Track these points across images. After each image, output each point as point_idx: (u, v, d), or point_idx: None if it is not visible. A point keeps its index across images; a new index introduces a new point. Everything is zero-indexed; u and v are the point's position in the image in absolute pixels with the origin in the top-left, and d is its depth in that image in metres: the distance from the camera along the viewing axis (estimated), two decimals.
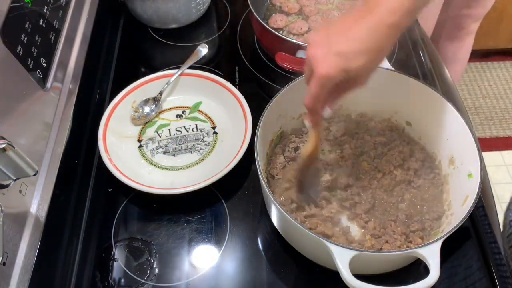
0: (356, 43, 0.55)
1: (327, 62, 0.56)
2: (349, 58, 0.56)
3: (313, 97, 0.60)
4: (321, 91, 0.59)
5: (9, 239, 0.59)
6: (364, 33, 0.55)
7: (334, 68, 0.56)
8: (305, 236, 0.61)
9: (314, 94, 0.59)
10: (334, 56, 0.56)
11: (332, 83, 0.58)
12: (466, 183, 0.67)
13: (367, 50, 0.56)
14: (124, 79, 0.92)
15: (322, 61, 0.57)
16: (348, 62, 0.56)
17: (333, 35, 0.57)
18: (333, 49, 0.56)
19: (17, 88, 0.65)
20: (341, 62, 0.56)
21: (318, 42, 0.58)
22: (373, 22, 0.55)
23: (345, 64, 0.56)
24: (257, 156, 0.66)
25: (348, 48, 0.56)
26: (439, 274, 0.54)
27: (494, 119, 2.09)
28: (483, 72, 2.26)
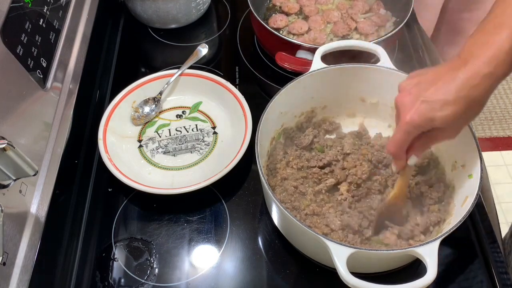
0: (445, 92, 0.54)
1: (412, 109, 0.56)
2: (435, 107, 0.55)
3: (396, 143, 0.59)
4: (405, 138, 0.58)
5: (9, 239, 0.59)
6: (455, 83, 0.54)
7: (419, 115, 0.55)
8: (304, 233, 0.61)
9: (397, 140, 0.59)
10: (420, 104, 0.55)
11: (417, 131, 0.57)
12: (466, 184, 0.67)
13: (456, 100, 0.54)
14: (124, 79, 0.92)
15: (409, 108, 0.56)
16: (434, 111, 0.55)
17: (424, 83, 0.56)
18: (421, 97, 0.55)
19: (17, 88, 0.65)
20: (426, 110, 0.55)
21: (408, 89, 0.57)
22: (466, 72, 0.54)
23: (430, 112, 0.55)
24: (258, 155, 0.66)
25: (435, 96, 0.55)
26: (436, 273, 0.54)
27: (494, 119, 2.09)
28: None
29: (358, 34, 1.00)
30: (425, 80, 0.57)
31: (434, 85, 0.55)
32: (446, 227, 0.67)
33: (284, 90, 0.74)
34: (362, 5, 1.04)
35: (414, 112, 0.56)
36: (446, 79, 0.55)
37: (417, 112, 0.55)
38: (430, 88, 0.55)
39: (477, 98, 0.55)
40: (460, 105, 0.54)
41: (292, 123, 0.82)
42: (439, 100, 0.54)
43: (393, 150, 0.61)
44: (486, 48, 0.54)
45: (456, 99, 0.54)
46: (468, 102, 0.55)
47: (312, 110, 0.82)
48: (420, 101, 0.55)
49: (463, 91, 0.54)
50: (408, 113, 0.56)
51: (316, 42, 0.98)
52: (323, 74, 0.76)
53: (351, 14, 1.03)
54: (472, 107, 0.56)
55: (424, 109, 0.55)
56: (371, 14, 1.04)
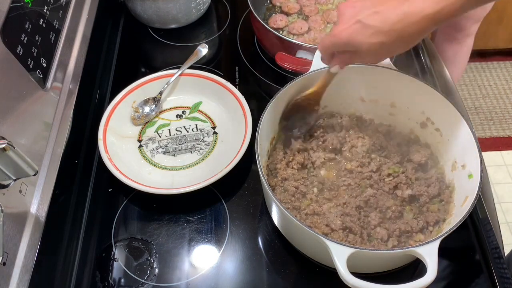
0: (382, 20, 0.54)
1: (346, 25, 0.56)
2: (367, 32, 0.55)
3: (323, 46, 0.62)
4: (331, 46, 0.61)
5: (9, 239, 0.59)
6: (395, 14, 0.53)
7: (348, 34, 0.56)
8: (304, 233, 0.61)
9: (325, 44, 0.61)
10: (355, 22, 0.55)
11: (340, 46, 0.59)
12: (467, 184, 0.67)
13: (388, 31, 0.54)
14: (124, 79, 0.93)
15: (344, 21, 0.57)
16: (363, 36, 0.55)
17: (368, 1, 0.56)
18: (358, 15, 0.55)
19: (17, 88, 0.65)
20: (357, 33, 0.55)
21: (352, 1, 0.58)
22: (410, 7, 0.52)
23: (359, 35, 0.55)
24: (258, 155, 0.66)
25: (371, 21, 0.54)
26: (436, 273, 0.54)
27: (494, 119, 2.09)
28: (483, 72, 2.26)
29: None
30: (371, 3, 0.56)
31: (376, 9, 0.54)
32: (446, 227, 0.67)
33: (284, 90, 0.74)
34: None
35: (346, 29, 0.56)
36: (389, 6, 0.54)
37: (348, 31, 0.56)
38: (371, 9, 0.55)
39: (409, 36, 0.54)
40: (390, 37, 0.54)
41: None
42: (373, 26, 0.54)
43: (320, 49, 0.64)
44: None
45: (389, 31, 0.54)
46: (399, 37, 0.54)
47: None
48: (356, 20, 0.55)
49: (399, 25, 0.53)
50: (340, 28, 0.57)
51: (316, 42, 0.98)
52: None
53: None
54: (401, 42, 0.55)
55: (355, 30, 0.56)
56: None
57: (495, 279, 0.69)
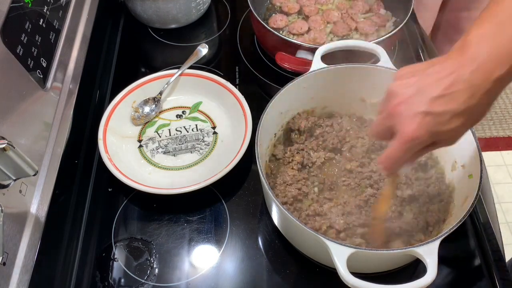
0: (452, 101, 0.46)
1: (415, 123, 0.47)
2: (443, 120, 0.47)
3: (393, 160, 0.51)
4: (405, 154, 0.50)
5: (9, 239, 0.59)
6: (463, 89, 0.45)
7: (424, 130, 0.47)
8: (304, 233, 0.61)
9: (396, 158, 0.51)
10: (424, 116, 0.47)
11: (419, 147, 0.49)
12: (467, 184, 0.67)
13: (465, 110, 0.46)
14: (124, 79, 0.93)
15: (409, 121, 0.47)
16: (441, 125, 0.47)
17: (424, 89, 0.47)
18: (422, 107, 0.47)
19: (17, 88, 0.65)
20: (433, 124, 0.47)
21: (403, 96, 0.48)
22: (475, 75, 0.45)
23: (437, 126, 0.47)
24: (257, 155, 0.66)
25: (441, 107, 0.46)
26: (436, 273, 0.54)
27: (494, 119, 2.09)
28: None
29: (358, 34, 1.00)
30: (424, 84, 0.48)
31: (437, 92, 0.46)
32: (446, 227, 0.67)
33: (284, 90, 0.74)
34: (362, 5, 1.04)
35: (417, 127, 0.47)
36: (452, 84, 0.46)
37: (421, 128, 0.47)
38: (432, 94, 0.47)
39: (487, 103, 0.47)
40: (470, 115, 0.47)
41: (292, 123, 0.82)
42: (446, 111, 0.46)
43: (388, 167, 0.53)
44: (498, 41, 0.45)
45: (465, 109, 0.46)
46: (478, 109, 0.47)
47: (313, 110, 0.83)
48: (423, 113, 0.47)
49: (474, 99, 0.46)
50: (410, 129, 0.48)
51: (316, 42, 0.98)
52: (323, 74, 0.76)
53: (351, 14, 1.03)
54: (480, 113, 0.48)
55: (429, 124, 0.47)
56: (371, 14, 1.04)
57: (495, 279, 0.69)
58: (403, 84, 0.49)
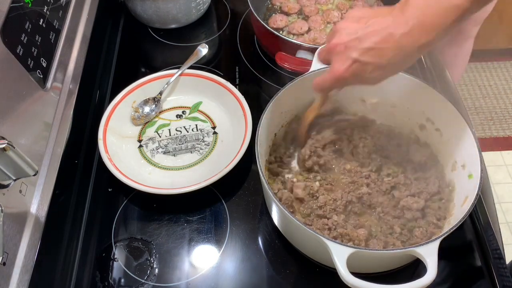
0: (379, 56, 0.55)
1: (345, 65, 0.57)
2: (367, 69, 0.56)
3: (323, 86, 0.63)
4: (332, 86, 0.62)
5: (9, 239, 0.59)
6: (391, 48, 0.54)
7: (349, 73, 0.58)
8: (304, 233, 0.61)
9: (323, 85, 0.63)
10: (353, 62, 0.57)
11: (344, 83, 0.61)
12: (467, 184, 0.67)
13: (387, 65, 0.56)
14: (124, 79, 0.93)
15: (342, 62, 0.58)
16: (364, 72, 0.57)
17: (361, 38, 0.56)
18: (355, 54, 0.56)
19: (17, 88, 0.65)
20: (357, 70, 0.57)
21: (343, 38, 0.58)
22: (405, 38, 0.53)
23: (361, 72, 0.57)
24: (257, 155, 0.66)
25: (369, 58, 0.56)
26: (436, 273, 0.54)
27: (494, 119, 2.09)
28: (483, 72, 2.26)
29: None
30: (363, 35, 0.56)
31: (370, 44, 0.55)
32: (446, 226, 0.67)
33: (284, 90, 0.74)
34: (362, 5, 1.04)
35: (345, 69, 0.57)
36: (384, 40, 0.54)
37: (348, 70, 0.57)
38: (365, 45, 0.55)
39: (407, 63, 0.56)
40: (389, 69, 0.57)
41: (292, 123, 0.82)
42: (371, 62, 0.55)
43: (318, 90, 0.65)
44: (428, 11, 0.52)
45: (387, 64, 0.55)
46: (398, 65, 0.57)
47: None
48: (353, 59, 0.56)
49: (397, 58, 0.54)
50: (340, 69, 0.58)
51: (316, 42, 0.98)
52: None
53: None
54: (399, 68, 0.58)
55: (356, 69, 0.57)
56: None
57: (495, 279, 0.69)
58: (347, 27, 0.58)
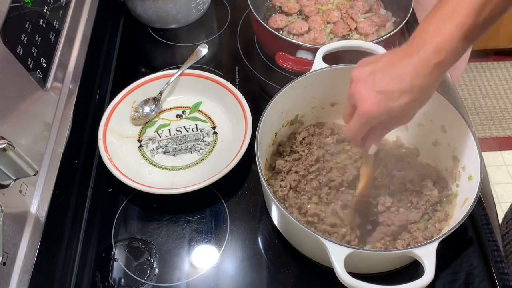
0: (400, 81, 0.55)
1: (370, 100, 0.57)
2: (393, 97, 0.56)
3: (353, 132, 0.61)
4: (362, 127, 0.60)
5: (9, 239, 0.59)
6: (409, 72, 0.55)
7: (377, 106, 0.56)
8: (303, 233, 0.61)
9: (355, 130, 0.60)
10: (377, 94, 0.56)
11: (374, 121, 0.58)
12: (467, 185, 0.67)
13: (411, 89, 0.55)
14: (124, 79, 0.93)
15: (365, 98, 0.57)
16: (392, 101, 0.56)
17: (378, 72, 0.57)
18: (376, 87, 0.56)
19: (17, 88, 0.65)
20: (384, 100, 0.56)
21: (362, 78, 0.58)
22: (419, 61, 0.55)
23: (388, 102, 0.56)
24: (257, 155, 0.66)
25: (391, 86, 0.56)
26: (434, 274, 0.54)
27: (494, 119, 2.09)
28: (483, 72, 2.26)
29: (358, 34, 1.00)
30: (379, 69, 0.57)
31: (389, 74, 0.56)
32: (445, 228, 0.67)
33: (284, 90, 0.74)
34: (362, 5, 1.04)
35: (371, 103, 0.57)
36: (400, 67, 0.56)
37: (375, 103, 0.56)
38: (385, 77, 0.56)
39: (430, 86, 0.56)
40: (414, 93, 0.56)
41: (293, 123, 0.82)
42: (395, 90, 0.56)
43: (351, 137, 0.63)
44: (437, 35, 0.54)
45: (411, 88, 0.55)
46: (422, 90, 0.56)
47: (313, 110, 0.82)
48: (376, 91, 0.56)
49: (418, 80, 0.55)
50: (366, 104, 0.57)
51: (316, 42, 0.98)
52: (323, 74, 0.76)
53: (351, 14, 1.03)
54: (425, 93, 0.57)
55: (381, 100, 0.56)
56: (371, 14, 1.04)
57: (495, 280, 0.69)
58: (362, 70, 0.59)
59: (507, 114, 2.11)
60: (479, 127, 2.06)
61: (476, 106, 2.14)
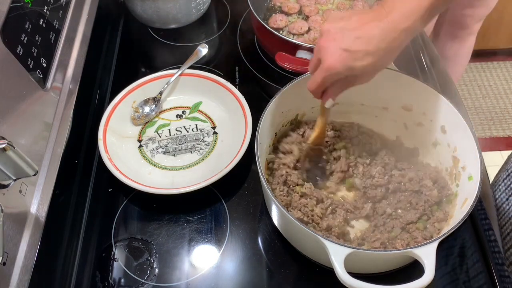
0: (367, 43, 0.57)
1: (335, 56, 0.58)
2: (357, 56, 0.58)
3: (316, 84, 0.63)
4: (324, 80, 0.62)
5: (9, 239, 0.59)
6: (376, 34, 0.57)
7: (340, 63, 0.58)
8: (303, 233, 0.61)
9: (317, 82, 0.62)
10: (342, 52, 0.58)
11: (336, 77, 0.61)
12: (467, 185, 0.67)
13: (376, 51, 0.58)
14: (124, 79, 0.93)
15: (331, 54, 0.59)
16: (355, 60, 0.58)
17: (348, 30, 0.58)
18: (343, 45, 0.58)
19: (17, 88, 0.65)
20: (348, 59, 0.58)
21: (331, 34, 0.60)
22: (387, 24, 0.57)
23: (351, 61, 0.58)
24: (257, 155, 0.66)
25: (358, 46, 0.57)
26: (433, 274, 0.54)
27: (494, 119, 2.09)
28: (483, 72, 2.26)
29: None
30: (349, 27, 0.58)
31: (357, 34, 0.58)
32: (445, 228, 0.67)
33: (284, 90, 0.74)
34: (362, 5, 1.04)
35: (335, 59, 0.58)
36: (369, 29, 0.57)
37: (338, 60, 0.58)
38: (352, 36, 0.58)
39: (393, 50, 0.59)
40: (379, 55, 0.58)
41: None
42: (360, 50, 0.57)
43: (312, 89, 0.64)
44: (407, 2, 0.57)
45: (376, 50, 0.57)
46: (386, 52, 0.58)
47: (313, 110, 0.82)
48: (342, 49, 0.58)
49: (383, 43, 0.57)
50: (330, 60, 0.59)
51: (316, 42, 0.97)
52: None
53: None
54: (388, 56, 0.60)
55: (345, 58, 0.58)
56: None
57: (495, 280, 0.69)
58: (332, 25, 0.60)
59: (507, 114, 2.11)
60: (479, 127, 2.06)
61: (476, 106, 2.14)
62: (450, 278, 0.70)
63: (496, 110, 2.13)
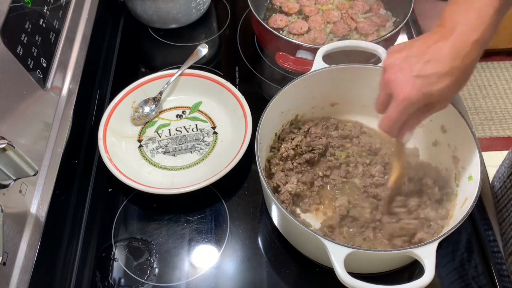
0: (439, 64, 0.53)
1: (408, 86, 0.54)
2: (432, 81, 0.53)
3: (392, 122, 0.57)
4: (401, 115, 0.56)
5: (9, 239, 0.59)
6: (447, 53, 0.53)
7: (416, 91, 0.54)
8: (303, 233, 0.61)
9: (393, 119, 0.57)
10: (415, 79, 0.54)
11: (413, 107, 0.55)
12: (467, 185, 0.67)
13: (450, 70, 0.53)
14: (124, 79, 0.93)
15: (403, 84, 0.54)
16: (431, 85, 0.54)
17: (413, 57, 0.55)
18: (413, 72, 0.54)
19: (17, 88, 0.65)
20: (423, 85, 0.54)
21: (396, 66, 0.56)
22: (455, 41, 0.53)
23: (427, 87, 0.54)
24: (257, 155, 0.66)
25: (430, 70, 0.53)
26: (433, 274, 0.54)
27: (494, 119, 2.09)
28: (483, 72, 2.26)
29: (358, 34, 1.00)
30: (413, 54, 0.55)
31: (425, 58, 0.54)
32: (445, 228, 0.67)
33: (284, 90, 0.74)
34: (362, 5, 1.04)
35: (410, 89, 0.54)
36: (436, 50, 0.54)
37: (413, 89, 0.54)
38: (421, 61, 0.54)
39: (469, 65, 0.54)
40: (455, 75, 0.54)
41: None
42: (434, 73, 0.53)
43: (387, 129, 0.59)
44: (470, 14, 0.53)
45: (451, 69, 0.53)
46: (462, 71, 0.54)
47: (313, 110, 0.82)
48: (414, 77, 0.54)
49: (457, 61, 0.53)
50: (404, 90, 0.54)
51: (316, 42, 0.98)
52: (324, 74, 0.76)
53: (351, 14, 1.03)
54: (465, 74, 0.55)
55: (420, 85, 0.54)
56: (371, 14, 1.04)
57: (495, 280, 0.69)
58: (395, 57, 0.57)
59: (507, 114, 2.11)
60: (479, 127, 2.06)
61: (476, 106, 2.14)
62: (450, 278, 0.70)
63: (496, 110, 2.13)
